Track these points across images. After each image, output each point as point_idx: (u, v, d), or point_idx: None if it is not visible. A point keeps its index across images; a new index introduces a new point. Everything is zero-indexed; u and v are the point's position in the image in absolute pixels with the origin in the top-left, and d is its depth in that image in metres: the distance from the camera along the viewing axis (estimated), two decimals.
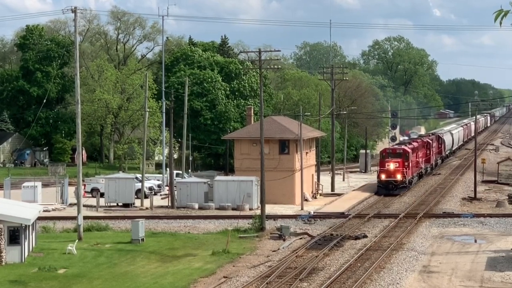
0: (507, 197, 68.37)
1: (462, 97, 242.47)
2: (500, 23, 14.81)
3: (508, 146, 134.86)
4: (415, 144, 79.11)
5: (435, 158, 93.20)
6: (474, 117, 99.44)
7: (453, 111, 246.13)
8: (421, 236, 49.26)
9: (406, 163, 71.76)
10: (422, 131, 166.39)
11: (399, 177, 70.63)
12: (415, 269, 39.47)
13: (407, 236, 48.89)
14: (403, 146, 74.75)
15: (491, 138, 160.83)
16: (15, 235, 40.51)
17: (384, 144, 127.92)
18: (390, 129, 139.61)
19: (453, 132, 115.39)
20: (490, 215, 57.93)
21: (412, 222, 54.24)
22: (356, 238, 48.13)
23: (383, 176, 71.20)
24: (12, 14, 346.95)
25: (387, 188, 70.81)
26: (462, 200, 68.22)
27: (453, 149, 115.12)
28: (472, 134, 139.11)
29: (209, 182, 66.41)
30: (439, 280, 37.11)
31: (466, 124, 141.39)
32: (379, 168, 73.35)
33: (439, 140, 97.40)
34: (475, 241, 48.65)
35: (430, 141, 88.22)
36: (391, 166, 70.86)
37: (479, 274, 38.24)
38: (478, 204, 65.67)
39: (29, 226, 41.93)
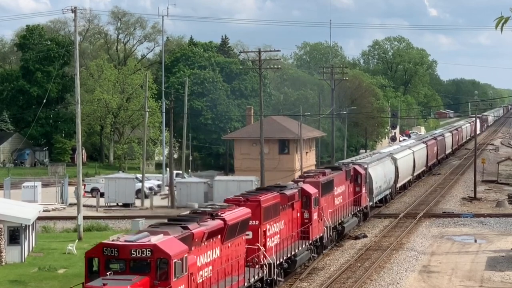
0: (507, 197, 68.38)
1: (462, 97, 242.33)
2: (501, 30, 14.88)
3: (508, 146, 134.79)
4: (229, 215, 28.88)
5: (334, 221, 43.95)
6: (458, 123, 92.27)
7: (453, 111, 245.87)
8: (421, 236, 49.28)
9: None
10: (422, 131, 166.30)
11: None
12: (415, 269, 39.50)
13: (407, 236, 48.91)
14: (151, 240, 24.00)
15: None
16: (15, 235, 40.54)
17: (383, 144, 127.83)
18: (390, 129, 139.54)
19: (398, 156, 67.97)
20: (490, 215, 57.96)
21: (412, 222, 54.26)
22: (356, 238, 48.15)
23: None
24: (7, 14, 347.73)
25: None
26: (462, 200, 68.20)
27: (400, 184, 68.96)
28: (448, 151, 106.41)
29: (209, 182, 66.46)
30: (439, 280, 37.13)
31: (435, 138, 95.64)
32: None
33: (357, 178, 51.31)
34: (475, 241, 48.67)
35: (309, 194, 38.46)
36: None
37: (479, 274, 38.26)
38: (478, 204, 65.67)
39: (29, 226, 41.94)
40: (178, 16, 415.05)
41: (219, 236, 27.66)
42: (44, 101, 78.14)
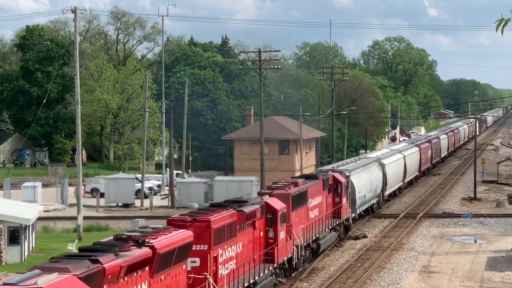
0: (507, 197, 68.36)
1: (462, 97, 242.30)
2: (502, 31, 14.88)
3: (508, 146, 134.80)
4: (161, 241, 22.70)
5: (307, 238, 38.73)
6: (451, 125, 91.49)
7: (453, 111, 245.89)
8: (421, 236, 49.27)
9: None
10: (422, 131, 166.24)
11: None
12: (415, 269, 39.49)
13: (407, 236, 48.90)
14: (37, 282, 16.67)
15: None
16: (15, 235, 40.55)
17: (383, 144, 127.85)
18: (390, 129, 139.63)
19: (387, 162, 62.29)
20: (490, 215, 57.94)
21: (412, 222, 54.24)
22: (356, 238, 48.13)
23: None
24: (7, 14, 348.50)
25: None
26: (462, 200, 68.19)
27: (388, 192, 63.37)
28: (443, 154, 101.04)
29: (209, 182, 66.46)
30: (439, 280, 37.13)
31: (429, 141, 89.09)
32: None
33: (336, 188, 45.61)
34: (475, 241, 48.66)
35: (275, 210, 32.88)
36: None
37: (479, 274, 38.26)
38: (478, 204, 65.66)
39: (29, 226, 41.95)
40: (178, 16, 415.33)
41: (146, 268, 21.69)
42: (44, 101, 78.18)
